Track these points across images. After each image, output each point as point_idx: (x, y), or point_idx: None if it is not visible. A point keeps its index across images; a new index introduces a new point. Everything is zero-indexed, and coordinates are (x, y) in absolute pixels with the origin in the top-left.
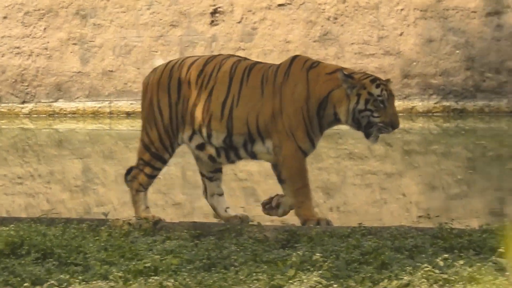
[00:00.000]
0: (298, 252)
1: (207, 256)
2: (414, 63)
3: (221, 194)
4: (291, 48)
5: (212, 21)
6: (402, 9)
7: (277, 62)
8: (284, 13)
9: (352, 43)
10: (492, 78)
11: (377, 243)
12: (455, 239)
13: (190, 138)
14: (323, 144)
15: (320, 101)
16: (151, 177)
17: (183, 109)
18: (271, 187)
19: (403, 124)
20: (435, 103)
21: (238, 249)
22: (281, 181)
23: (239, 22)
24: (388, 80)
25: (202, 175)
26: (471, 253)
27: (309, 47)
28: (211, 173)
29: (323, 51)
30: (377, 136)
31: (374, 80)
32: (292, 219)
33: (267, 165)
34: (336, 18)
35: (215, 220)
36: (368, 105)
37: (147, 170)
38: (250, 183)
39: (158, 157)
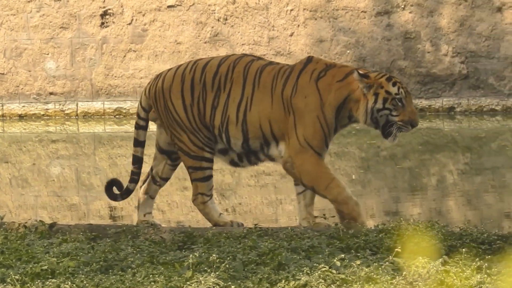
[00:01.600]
0: (195, 254)
1: (104, 259)
2: None
3: (153, 198)
4: (182, 49)
5: (103, 23)
6: (291, 10)
7: (168, 63)
8: (174, 14)
9: (242, 44)
10: None
11: (273, 244)
12: (352, 239)
13: (215, 141)
14: None
15: (336, 108)
16: (207, 179)
17: (200, 112)
18: (165, 188)
19: None
20: None
21: (135, 251)
22: (311, 190)
23: (129, 24)
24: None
25: (151, 170)
26: (367, 253)
27: (200, 48)
28: (160, 178)
29: (214, 52)
30: (396, 135)
31: (390, 78)
32: (188, 220)
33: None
34: (226, 19)
35: (110, 222)
36: (386, 104)
37: (199, 175)
38: None
39: (200, 158)
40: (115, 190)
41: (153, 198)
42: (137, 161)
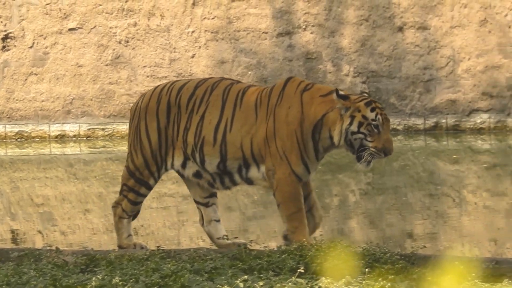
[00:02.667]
0: (98, 276)
1: (7, 282)
2: None
3: (218, 220)
4: (83, 72)
5: (4, 47)
6: (193, 32)
7: (70, 86)
8: (76, 37)
9: (144, 66)
10: None
11: (176, 266)
12: (254, 260)
13: (184, 165)
14: (118, 167)
15: (314, 124)
16: (135, 204)
17: (173, 133)
18: (67, 211)
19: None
20: None
21: (37, 274)
22: (277, 205)
23: (30, 47)
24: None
25: (197, 202)
26: (270, 274)
27: (102, 70)
28: (206, 198)
29: (116, 74)
30: (368, 160)
31: (370, 103)
32: (90, 243)
33: (63, 190)
34: (127, 42)
35: (13, 246)
36: (361, 128)
37: (131, 196)
38: (47, 208)
39: (143, 183)
40: None
41: (219, 221)
42: None
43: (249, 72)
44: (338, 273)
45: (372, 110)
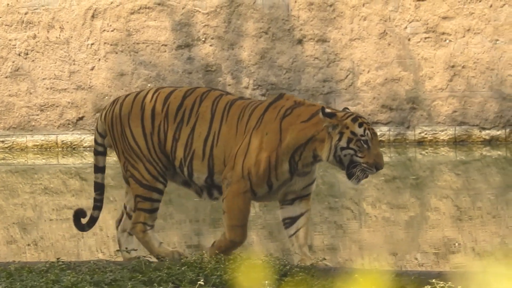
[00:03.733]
0: None
1: None
2: (107, 97)
3: (132, 234)
4: None
5: None
6: (92, 44)
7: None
8: None
9: (43, 78)
10: None
11: (76, 278)
12: (154, 272)
13: (173, 174)
14: (18, 179)
15: (295, 149)
16: (153, 211)
17: (160, 141)
18: None
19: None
20: None
21: None
22: (222, 212)
23: None
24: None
25: (125, 208)
26: (170, 286)
27: (1, 83)
28: (133, 211)
29: (15, 86)
30: (359, 177)
31: (356, 119)
32: None
33: None
34: (27, 54)
35: None
36: (350, 144)
37: (147, 205)
38: None
39: (152, 189)
40: (83, 220)
41: (133, 235)
42: (99, 187)
43: (149, 85)
44: (237, 285)
45: (360, 125)
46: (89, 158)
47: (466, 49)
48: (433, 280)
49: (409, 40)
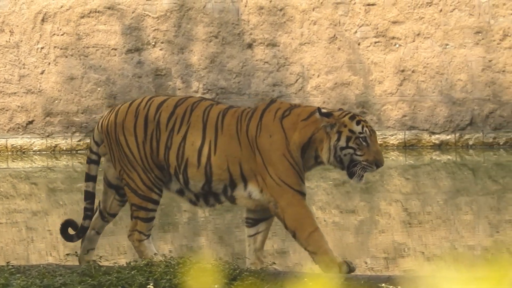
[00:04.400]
0: None
1: None
2: (56, 101)
3: (99, 234)
4: None
5: None
6: (42, 48)
7: None
8: None
9: None
10: None
11: (26, 282)
12: (104, 276)
13: (168, 182)
14: None
15: (302, 146)
16: (149, 220)
17: (152, 150)
18: None
19: (46, 162)
20: (78, 141)
21: None
22: (292, 235)
23: None
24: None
25: (99, 205)
26: None
27: None
28: (107, 214)
29: None
30: (361, 175)
31: (354, 117)
32: None
33: None
34: None
35: None
36: (349, 143)
37: (142, 214)
38: None
39: (147, 199)
40: (71, 230)
41: (99, 234)
42: (89, 196)
43: (99, 89)
44: None
45: (358, 123)
46: (39, 162)
47: (416, 53)
48: (383, 285)
49: (359, 44)
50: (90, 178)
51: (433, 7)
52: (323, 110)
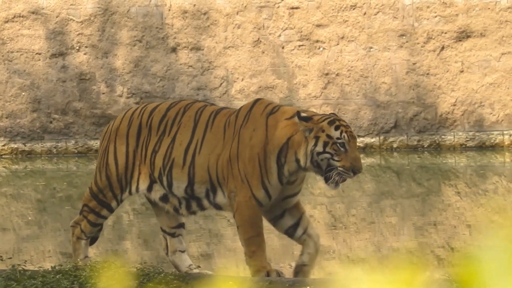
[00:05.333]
0: None
1: None
2: None
3: (183, 251)
4: None
5: None
6: None
7: None
8: None
9: None
10: (59, 119)
11: None
12: (29, 280)
13: (150, 189)
14: None
15: (280, 148)
16: (95, 225)
17: (141, 156)
18: None
19: None
20: (3, 145)
21: None
22: (236, 227)
23: None
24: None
25: (163, 231)
26: None
27: None
28: (173, 229)
29: None
30: (336, 181)
31: (333, 121)
32: None
33: None
34: None
35: None
36: (327, 148)
37: (91, 217)
38: None
39: (106, 205)
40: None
41: (184, 251)
42: None
43: (23, 93)
44: None
45: (336, 128)
46: None
47: (340, 56)
48: (307, 287)
49: (283, 48)
50: None
51: (357, 10)
52: (303, 114)
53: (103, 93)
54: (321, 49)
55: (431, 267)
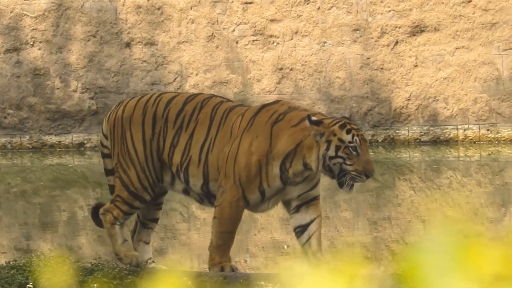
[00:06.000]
0: None
1: None
2: None
3: (147, 243)
4: None
5: None
6: None
7: None
8: None
9: None
10: (13, 115)
11: None
12: None
13: (172, 182)
14: None
15: (285, 155)
16: (128, 214)
17: (159, 147)
18: None
19: None
20: None
21: None
22: (212, 217)
23: None
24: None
25: (138, 217)
26: None
27: None
28: (148, 221)
29: None
30: (350, 184)
31: (344, 125)
32: None
33: None
34: None
35: None
36: (339, 152)
37: (125, 208)
38: None
39: (137, 197)
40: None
41: (149, 243)
42: (114, 189)
43: None
44: None
45: (348, 132)
46: None
47: (294, 51)
48: (262, 282)
49: (237, 43)
50: (108, 172)
51: (311, 5)
52: (313, 118)
53: (58, 88)
54: (275, 44)
55: (385, 262)
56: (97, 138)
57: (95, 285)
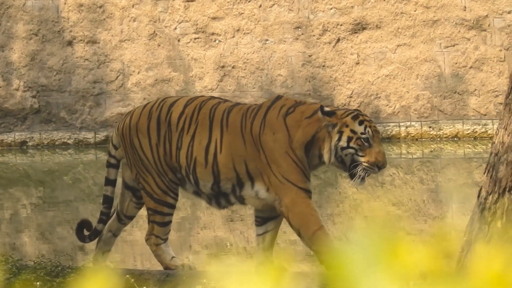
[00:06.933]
0: None
1: None
2: None
3: (116, 236)
4: None
5: None
6: None
7: None
8: None
9: None
10: None
11: None
12: None
13: (183, 184)
14: None
15: (304, 145)
16: (165, 225)
17: (165, 152)
18: None
19: None
20: None
21: None
22: (296, 233)
23: None
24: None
25: (116, 210)
26: None
27: None
28: (124, 217)
29: None
30: (361, 176)
31: (357, 116)
32: None
33: None
34: None
35: None
36: (351, 143)
37: (157, 218)
38: None
39: (163, 203)
40: (85, 231)
41: (116, 237)
42: (107, 200)
43: None
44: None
45: (360, 123)
46: None
47: (236, 49)
48: (204, 280)
49: (178, 41)
50: (109, 182)
51: (253, 2)
52: (326, 109)
53: (0, 87)
54: (217, 41)
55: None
56: (39, 137)
57: (38, 283)
